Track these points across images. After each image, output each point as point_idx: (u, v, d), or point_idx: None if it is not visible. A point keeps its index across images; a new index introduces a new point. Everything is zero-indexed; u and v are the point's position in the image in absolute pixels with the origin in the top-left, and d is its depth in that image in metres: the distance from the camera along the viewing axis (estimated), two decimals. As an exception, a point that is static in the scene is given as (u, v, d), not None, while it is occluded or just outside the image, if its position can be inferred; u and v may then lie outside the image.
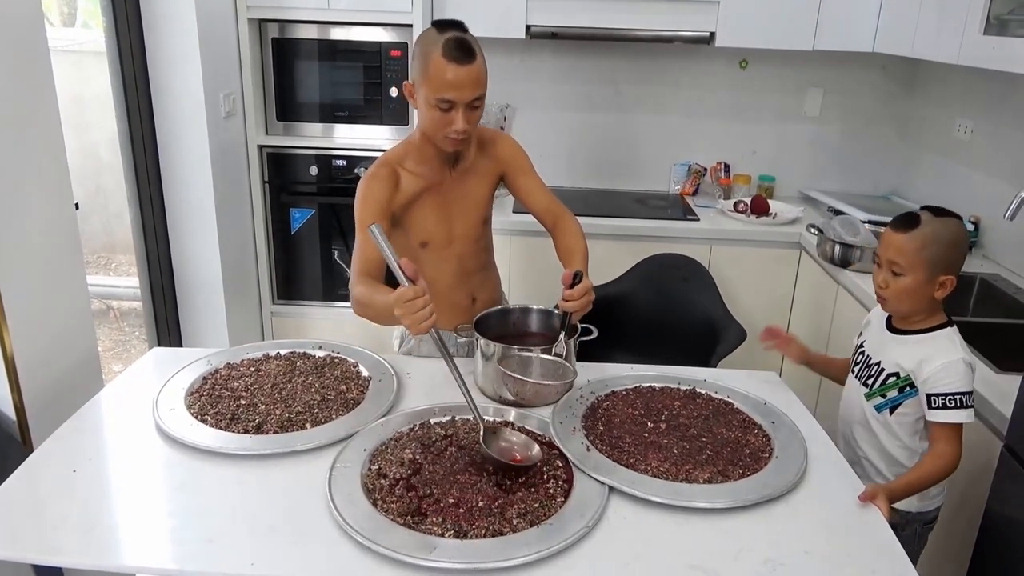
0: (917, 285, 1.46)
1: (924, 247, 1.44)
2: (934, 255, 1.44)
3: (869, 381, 1.57)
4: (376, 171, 1.67)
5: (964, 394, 1.42)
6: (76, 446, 1.39)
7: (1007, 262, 2.52)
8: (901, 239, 1.46)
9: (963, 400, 1.42)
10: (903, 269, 1.46)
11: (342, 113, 3.06)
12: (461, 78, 1.53)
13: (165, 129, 2.65)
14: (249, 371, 1.65)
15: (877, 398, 1.55)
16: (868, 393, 1.57)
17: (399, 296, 1.34)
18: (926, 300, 1.48)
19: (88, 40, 3.14)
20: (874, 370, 1.56)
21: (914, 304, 1.49)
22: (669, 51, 3.23)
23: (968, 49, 2.24)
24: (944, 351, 1.45)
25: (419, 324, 1.34)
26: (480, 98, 1.59)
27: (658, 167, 3.40)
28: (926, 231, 1.44)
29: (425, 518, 1.19)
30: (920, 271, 1.45)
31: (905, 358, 1.50)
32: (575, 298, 1.54)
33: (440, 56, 1.52)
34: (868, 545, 1.19)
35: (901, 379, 1.50)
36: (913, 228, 1.45)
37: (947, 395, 1.42)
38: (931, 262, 1.44)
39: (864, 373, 1.60)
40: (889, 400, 1.52)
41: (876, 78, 3.23)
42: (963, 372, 1.42)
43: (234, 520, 1.21)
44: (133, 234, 2.70)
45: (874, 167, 3.35)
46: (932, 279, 1.45)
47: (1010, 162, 2.54)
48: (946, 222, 1.46)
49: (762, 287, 2.94)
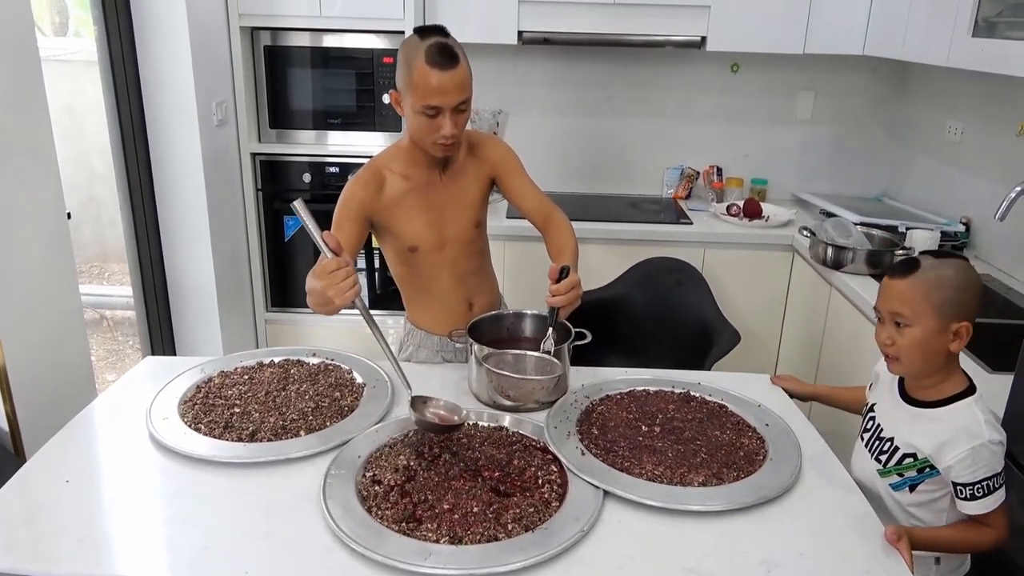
0: (928, 336, 1.27)
1: (931, 292, 1.26)
2: (942, 299, 1.26)
3: (882, 458, 1.39)
4: (360, 174, 1.69)
5: (993, 478, 1.25)
6: (69, 456, 1.39)
7: (999, 263, 2.53)
8: (902, 285, 1.29)
9: (991, 486, 1.25)
10: (909, 319, 1.28)
11: (335, 120, 3.06)
12: (445, 83, 1.53)
13: (157, 138, 2.65)
14: (243, 379, 1.65)
15: (893, 476, 1.37)
16: (882, 471, 1.39)
17: (322, 268, 1.38)
18: (941, 355, 1.30)
19: (80, 49, 3.14)
20: (887, 446, 1.38)
21: (928, 360, 1.30)
22: (661, 56, 3.25)
23: (957, 51, 2.26)
24: (967, 433, 1.27)
25: (343, 294, 1.37)
26: (466, 102, 1.59)
27: (651, 171, 3.41)
28: (929, 275, 1.28)
29: (420, 524, 1.19)
30: (929, 319, 1.27)
31: (922, 440, 1.32)
32: (561, 292, 1.54)
33: (423, 63, 1.53)
34: (862, 546, 1.20)
35: (919, 461, 1.32)
36: (914, 272, 1.29)
37: (974, 484, 1.25)
38: (940, 307, 1.26)
39: (876, 447, 1.41)
40: (908, 479, 1.35)
41: (867, 81, 3.25)
42: (990, 456, 1.25)
43: (228, 528, 1.21)
44: (126, 243, 2.70)
45: (865, 169, 3.36)
46: (945, 328, 1.27)
47: (1000, 163, 2.55)
48: (951, 263, 1.30)
49: (755, 290, 2.95)
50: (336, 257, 1.38)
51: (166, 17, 2.51)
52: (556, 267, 1.58)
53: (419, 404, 1.46)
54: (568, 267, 1.58)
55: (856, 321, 2.30)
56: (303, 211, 1.37)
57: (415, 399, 1.46)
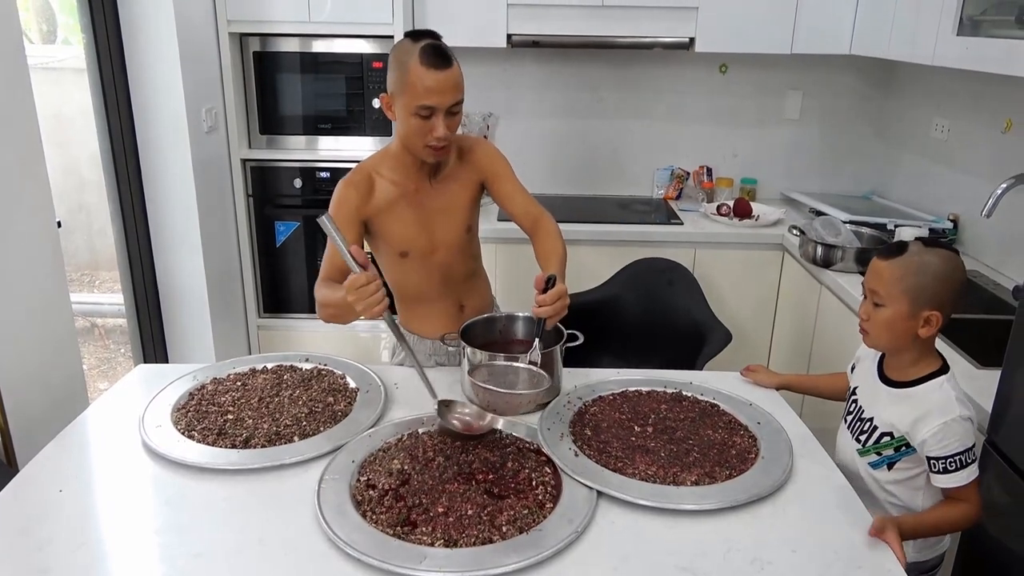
0: (896, 318, 1.35)
1: (905, 277, 1.34)
2: (915, 286, 1.33)
3: (862, 437, 1.46)
4: (350, 178, 1.69)
5: (964, 452, 1.31)
6: (62, 466, 1.39)
7: (986, 259, 2.55)
8: (882, 266, 1.37)
9: (963, 460, 1.31)
10: (883, 299, 1.36)
11: (325, 125, 3.06)
12: (441, 83, 1.54)
13: (147, 145, 2.64)
14: (236, 385, 1.65)
15: (872, 455, 1.44)
16: (861, 450, 1.46)
17: (351, 282, 1.39)
18: (908, 337, 1.37)
19: (68, 57, 3.13)
20: (867, 426, 1.45)
21: (894, 340, 1.39)
22: (650, 57, 3.26)
23: (942, 50, 2.28)
24: (940, 409, 1.34)
25: (371, 308, 1.40)
26: (459, 103, 1.60)
27: (641, 172, 3.42)
28: (911, 260, 1.34)
29: (415, 528, 1.20)
30: (900, 303, 1.34)
31: (899, 418, 1.39)
32: (548, 303, 1.52)
33: (418, 63, 1.53)
34: (854, 542, 1.21)
35: (896, 439, 1.40)
36: (898, 256, 1.35)
37: (947, 458, 1.32)
38: (912, 293, 1.33)
39: (857, 427, 1.48)
40: (885, 458, 1.43)
41: (854, 80, 3.27)
42: (961, 431, 1.32)
43: (223, 535, 1.21)
44: (117, 251, 2.69)
45: (854, 168, 3.38)
46: (915, 314, 1.34)
47: (987, 160, 2.57)
48: (936, 252, 1.35)
49: (746, 289, 2.96)
50: (365, 272, 1.40)
51: (154, 23, 2.51)
52: (542, 276, 1.57)
53: (443, 409, 1.48)
54: (555, 276, 1.57)
55: (846, 319, 2.32)
56: (330, 225, 1.42)
57: (441, 404, 1.48)
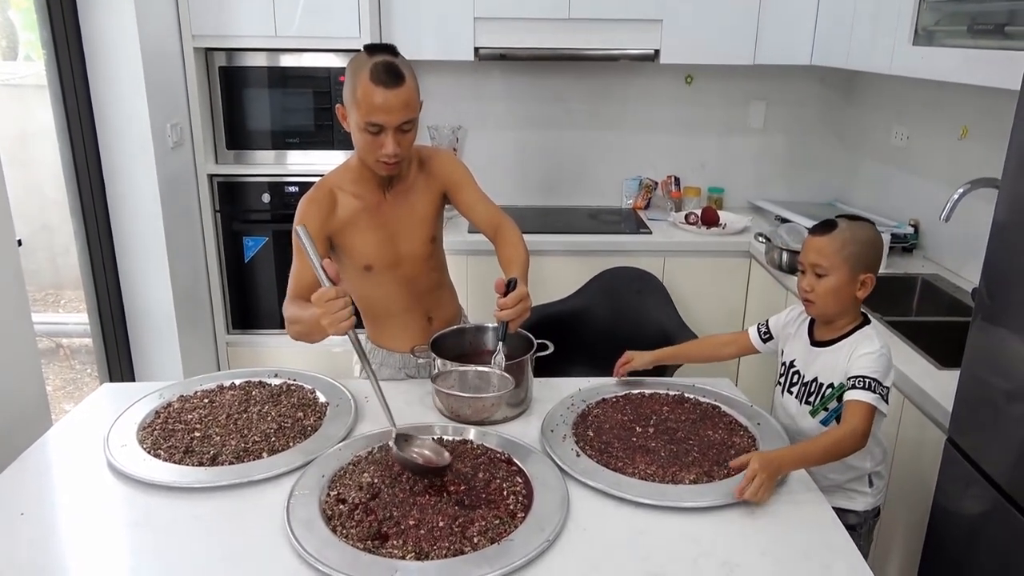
0: (840, 284, 1.51)
1: (844, 246, 1.51)
2: (853, 254, 1.51)
3: (811, 399, 1.59)
4: (312, 195, 1.68)
5: (878, 382, 1.45)
6: (23, 489, 1.36)
7: (946, 262, 2.61)
8: (822, 241, 1.53)
9: (875, 385, 1.44)
10: (826, 270, 1.52)
11: (293, 139, 3.05)
12: (390, 102, 1.53)
13: (111, 161, 2.61)
14: (203, 403, 1.63)
15: (822, 412, 1.57)
16: (812, 410, 1.58)
17: (320, 295, 1.37)
18: (850, 299, 1.54)
19: (30, 73, 3.08)
20: (812, 387, 1.59)
21: (839, 303, 1.54)
22: (616, 68, 3.30)
23: (899, 59, 2.33)
24: (867, 344, 1.51)
25: (338, 323, 1.37)
26: (410, 122, 1.59)
27: (610, 182, 3.45)
28: (845, 234, 1.52)
29: (386, 541, 1.19)
30: (842, 270, 1.51)
31: (834, 365, 1.54)
32: (509, 306, 1.53)
33: (368, 80, 1.53)
34: (823, 544, 1.22)
35: (837, 388, 1.53)
36: (832, 231, 1.53)
37: (864, 377, 1.45)
38: (851, 261, 1.50)
39: (802, 393, 1.61)
40: (833, 411, 1.55)
41: (816, 89, 3.33)
42: (881, 361, 1.47)
43: (192, 555, 1.19)
44: (81, 269, 2.65)
45: (818, 175, 3.45)
46: (853, 278, 1.51)
47: (945, 166, 2.63)
48: (861, 225, 1.55)
49: (715, 296, 3.00)
50: (334, 286, 1.38)
51: (118, 39, 2.49)
52: (503, 280, 1.58)
53: (402, 442, 1.40)
54: (515, 279, 1.58)
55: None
56: (305, 238, 1.41)
57: (399, 436, 1.40)
